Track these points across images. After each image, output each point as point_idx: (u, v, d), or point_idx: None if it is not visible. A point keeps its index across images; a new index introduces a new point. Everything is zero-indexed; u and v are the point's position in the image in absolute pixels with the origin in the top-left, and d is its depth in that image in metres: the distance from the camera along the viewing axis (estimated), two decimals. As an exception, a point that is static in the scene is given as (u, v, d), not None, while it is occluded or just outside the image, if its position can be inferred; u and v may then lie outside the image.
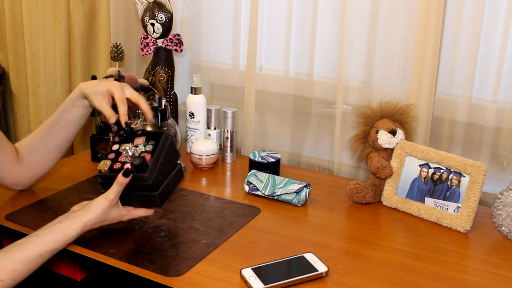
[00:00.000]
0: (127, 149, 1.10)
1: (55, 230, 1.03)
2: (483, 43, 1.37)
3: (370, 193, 1.36)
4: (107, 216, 1.09)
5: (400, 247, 1.17)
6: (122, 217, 1.12)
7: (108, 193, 1.07)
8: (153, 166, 1.08)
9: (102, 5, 1.81)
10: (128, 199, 1.12)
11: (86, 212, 1.06)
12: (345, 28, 1.48)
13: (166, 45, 1.61)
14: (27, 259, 0.98)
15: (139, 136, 1.15)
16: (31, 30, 1.89)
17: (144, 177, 1.07)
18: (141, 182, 1.08)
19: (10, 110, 2.08)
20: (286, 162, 1.69)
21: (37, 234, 1.02)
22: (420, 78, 1.42)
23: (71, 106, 1.26)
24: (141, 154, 1.10)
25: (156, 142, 1.12)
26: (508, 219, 1.20)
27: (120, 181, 1.06)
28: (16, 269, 0.96)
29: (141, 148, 1.12)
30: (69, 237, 1.04)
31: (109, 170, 1.10)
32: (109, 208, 1.08)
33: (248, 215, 1.29)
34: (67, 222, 1.05)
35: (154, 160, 1.09)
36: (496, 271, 1.09)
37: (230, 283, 1.02)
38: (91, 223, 1.07)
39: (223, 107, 1.67)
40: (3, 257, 0.97)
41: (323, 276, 1.04)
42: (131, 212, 1.14)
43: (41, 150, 1.28)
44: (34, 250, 0.99)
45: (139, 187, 1.10)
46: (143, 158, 1.07)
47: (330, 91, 1.58)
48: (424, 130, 1.44)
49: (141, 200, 1.13)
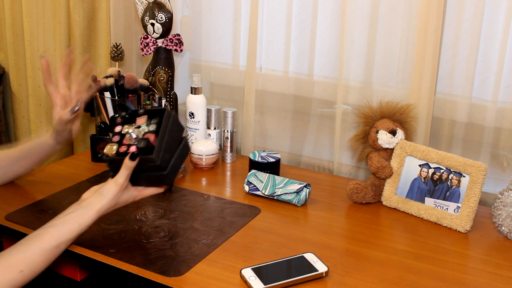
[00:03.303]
0: (130, 132, 1.09)
1: (69, 220, 1.04)
2: (483, 43, 1.37)
3: (370, 193, 1.36)
4: (119, 200, 1.09)
5: (400, 247, 1.17)
6: (133, 198, 1.13)
7: (117, 178, 1.07)
8: (159, 146, 1.07)
9: (102, 5, 1.81)
10: (138, 179, 1.12)
11: (98, 199, 1.07)
12: (345, 28, 1.48)
13: (166, 45, 1.61)
14: (44, 250, 0.98)
15: (140, 115, 1.14)
16: (31, 30, 1.89)
17: (151, 158, 1.06)
18: (149, 164, 1.07)
19: (10, 110, 2.08)
20: (286, 162, 1.69)
21: (52, 225, 1.02)
22: (420, 78, 1.42)
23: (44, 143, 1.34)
24: (144, 135, 1.09)
25: (159, 120, 1.11)
26: (508, 219, 1.20)
27: (127, 165, 1.06)
28: (34, 260, 0.97)
29: (144, 128, 1.11)
30: (84, 226, 1.05)
31: (116, 154, 1.09)
32: (120, 193, 1.08)
33: (248, 215, 1.29)
34: (81, 211, 1.05)
35: (159, 139, 1.08)
36: (496, 271, 1.09)
37: (230, 283, 1.02)
38: (104, 210, 1.07)
39: (223, 107, 1.67)
40: (20, 249, 0.97)
41: (323, 276, 1.04)
42: (142, 192, 1.14)
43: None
44: (50, 241, 0.99)
45: (147, 168, 1.09)
46: (147, 140, 1.06)
47: (330, 91, 1.59)
48: (424, 130, 1.44)
49: (150, 180, 1.12)
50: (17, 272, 0.95)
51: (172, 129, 1.12)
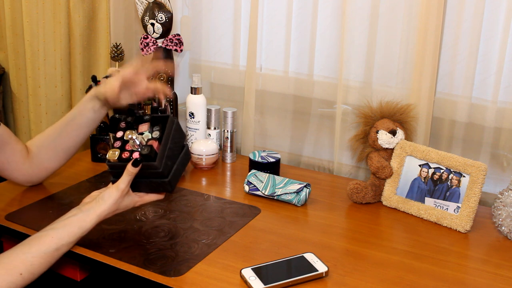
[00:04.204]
0: (133, 138, 1.10)
1: (70, 223, 1.04)
2: (483, 43, 1.37)
3: (370, 193, 1.36)
4: (120, 205, 1.10)
5: (400, 247, 1.17)
6: (134, 203, 1.13)
7: (119, 183, 1.08)
8: (161, 153, 1.08)
9: (102, 5, 1.81)
10: (139, 186, 1.12)
11: (99, 204, 1.07)
12: (345, 28, 1.48)
13: (166, 45, 1.61)
14: (44, 253, 0.99)
15: (144, 122, 1.14)
16: (31, 30, 1.89)
17: (154, 165, 1.07)
18: (151, 170, 1.08)
19: (10, 110, 2.08)
20: (286, 162, 1.69)
21: (52, 228, 1.03)
22: (420, 78, 1.42)
23: (82, 109, 1.30)
24: (148, 142, 1.09)
25: (162, 127, 1.11)
26: (508, 219, 1.20)
27: (130, 171, 1.07)
28: (34, 263, 0.97)
29: (147, 135, 1.11)
30: (84, 229, 1.05)
31: (118, 160, 1.10)
32: (121, 198, 1.09)
33: (248, 215, 1.28)
34: (81, 214, 1.05)
35: (162, 146, 1.08)
36: (496, 271, 1.09)
37: (230, 283, 1.02)
38: (104, 214, 1.07)
39: (223, 107, 1.67)
40: (20, 252, 0.98)
41: (323, 276, 1.04)
42: (143, 198, 1.15)
43: (50, 150, 1.31)
44: (50, 244, 1.00)
45: (149, 174, 1.09)
46: (151, 147, 1.07)
47: (330, 91, 1.58)
48: (424, 130, 1.44)
49: (151, 186, 1.13)
50: (17, 275, 0.95)
51: (175, 136, 1.12)
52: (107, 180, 1.14)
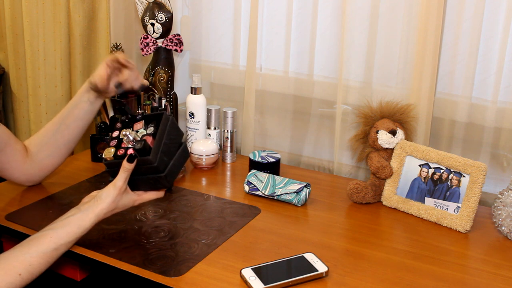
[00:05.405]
0: (127, 134, 1.10)
1: (69, 223, 1.04)
2: (483, 43, 1.37)
3: (370, 193, 1.36)
4: (118, 204, 1.10)
5: (400, 247, 1.17)
6: (133, 202, 1.13)
7: (116, 181, 1.08)
8: (156, 148, 1.08)
9: (102, 5, 1.81)
10: (137, 184, 1.12)
11: (97, 203, 1.07)
12: (345, 28, 1.48)
13: (166, 45, 1.61)
14: (43, 253, 0.99)
15: (138, 121, 1.15)
16: (31, 30, 1.89)
17: (149, 159, 1.07)
18: (147, 165, 1.08)
19: (10, 110, 2.08)
20: (286, 162, 1.69)
21: (51, 228, 1.03)
22: (420, 78, 1.42)
23: (78, 102, 1.30)
24: (142, 138, 1.10)
25: (157, 124, 1.12)
26: (508, 219, 1.20)
27: (125, 167, 1.07)
28: (33, 263, 0.97)
29: (142, 132, 1.12)
30: (83, 229, 1.05)
31: (114, 157, 1.10)
32: (119, 196, 1.08)
33: (248, 215, 1.29)
34: (80, 214, 1.05)
35: (156, 141, 1.08)
36: (496, 271, 1.09)
37: (230, 283, 1.02)
38: (103, 213, 1.07)
39: (223, 107, 1.67)
40: (19, 252, 0.98)
41: (323, 276, 1.04)
42: (142, 197, 1.14)
43: (50, 146, 1.31)
44: (49, 243, 1.00)
45: (145, 171, 1.09)
46: (145, 141, 1.07)
47: (330, 91, 1.58)
48: (424, 130, 1.44)
49: (149, 183, 1.13)
50: (16, 275, 0.95)
51: (170, 132, 1.12)
52: (107, 180, 1.14)
